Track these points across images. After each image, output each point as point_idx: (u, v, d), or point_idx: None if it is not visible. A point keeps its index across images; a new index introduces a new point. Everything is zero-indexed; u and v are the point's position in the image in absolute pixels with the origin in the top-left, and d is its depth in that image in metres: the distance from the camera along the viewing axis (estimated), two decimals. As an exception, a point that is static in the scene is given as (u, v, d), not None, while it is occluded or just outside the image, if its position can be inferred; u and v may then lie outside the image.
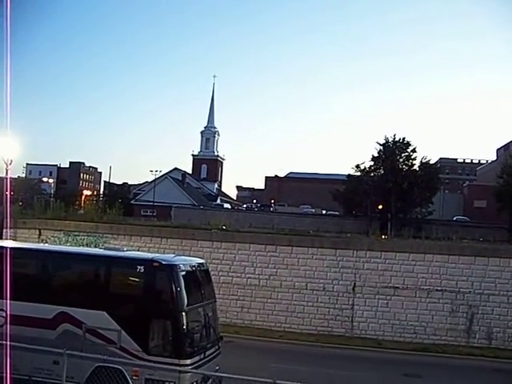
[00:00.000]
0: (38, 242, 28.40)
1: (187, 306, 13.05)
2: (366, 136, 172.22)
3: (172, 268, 13.32)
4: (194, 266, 14.54)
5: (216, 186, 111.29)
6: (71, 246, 27.51)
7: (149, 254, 15.49)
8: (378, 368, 20.20)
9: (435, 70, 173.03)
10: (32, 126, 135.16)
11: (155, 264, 13.33)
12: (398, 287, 25.88)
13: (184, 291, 13.09)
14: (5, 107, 15.33)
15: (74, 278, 14.81)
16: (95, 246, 28.15)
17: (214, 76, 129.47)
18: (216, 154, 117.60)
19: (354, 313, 26.07)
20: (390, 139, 56.20)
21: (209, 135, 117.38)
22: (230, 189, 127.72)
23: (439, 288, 25.61)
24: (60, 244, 28.15)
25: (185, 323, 12.83)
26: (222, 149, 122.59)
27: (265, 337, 24.49)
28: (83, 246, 28.32)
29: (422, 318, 25.53)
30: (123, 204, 35.08)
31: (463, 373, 20.56)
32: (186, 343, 12.76)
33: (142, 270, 13.34)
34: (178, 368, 12.22)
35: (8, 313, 13.82)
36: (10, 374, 12.14)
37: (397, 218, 50.80)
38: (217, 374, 12.59)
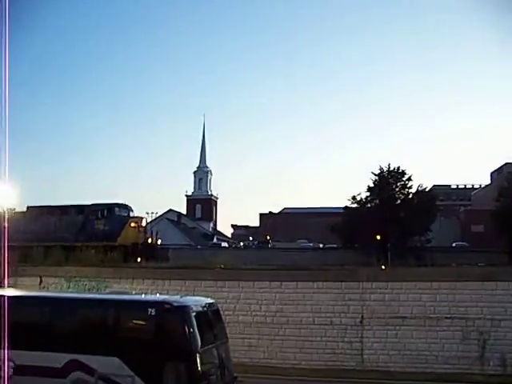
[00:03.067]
0: (39, 290, 28.00)
1: (201, 347, 12.76)
2: (359, 167, 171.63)
3: (184, 309, 13.07)
4: (204, 306, 14.29)
5: (211, 225, 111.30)
6: (73, 291, 27.10)
7: (159, 296, 15.18)
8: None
9: (425, 96, 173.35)
10: (32, 170, 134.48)
11: (167, 306, 13.08)
12: (406, 317, 25.43)
13: (197, 332, 12.81)
14: (2, 152, 15.22)
15: (83, 324, 14.39)
16: (97, 291, 27.84)
17: (204, 115, 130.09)
18: (210, 193, 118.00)
19: (364, 345, 25.54)
20: (385, 169, 56.45)
21: (201, 175, 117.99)
22: (225, 227, 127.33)
23: (448, 315, 25.15)
24: (61, 290, 27.78)
25: (199, 365, 12.52)
26: (216, 188, 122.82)
27: (274, 374, 23.96)
28: (85, 291, 27.96)
29: (433, 347, 24.99)
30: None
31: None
32: (202, 385, 12.45)
33: (153, 313, 13.05)
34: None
35: (16, 363, 13.51)
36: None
37: (396, 248, 50.51)
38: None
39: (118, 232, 38.18)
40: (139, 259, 34.54)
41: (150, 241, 40.21)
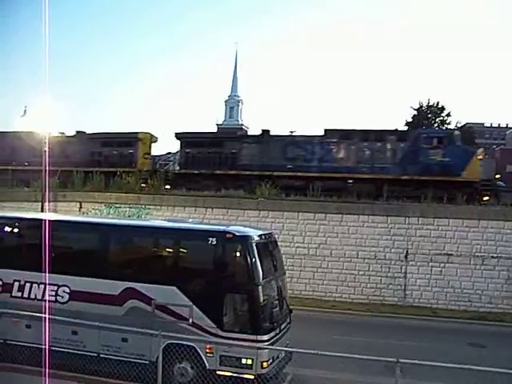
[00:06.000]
0: (79, 215, 28.12)
1: (263, 279, 12.51)
2: (398, 101, 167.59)
3: (247, 239, 12.66)
4: (264, 237, 13.91)
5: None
6: (114, 217, 27.09)
7: (220, 225, 14.82)
8: (439, 338, 19.55)
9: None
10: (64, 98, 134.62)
11: (229, 235, 12.67)
12: (451, 254, 25.20)
13: (259, 263, 12.52)
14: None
15: (140, 253, 14.13)
16: (138, 218, 27.87)
17: (237, 43, 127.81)
18: (240, 122, 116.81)
19: (407, 281, 25.47)
20: (424, 104, 55.08)
21: (233, 104, 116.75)
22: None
23: (494, 255, 24.86)
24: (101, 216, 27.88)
25: (261, 297, 12.24)
26: (246, 117, 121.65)
27: (316, 307, 24.06)
28: (126, 217, 28.02)
29: (477, 286, 24.86)
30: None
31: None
32: (263, 318, 12.18)
33: (214, 243, 12.64)
34: (256, 344, 11.80)
35: (72, 289, 13.46)
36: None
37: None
38: (296, 349, 11.95)
39: None
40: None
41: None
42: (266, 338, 12.07)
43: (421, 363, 10.23)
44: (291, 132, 35.86)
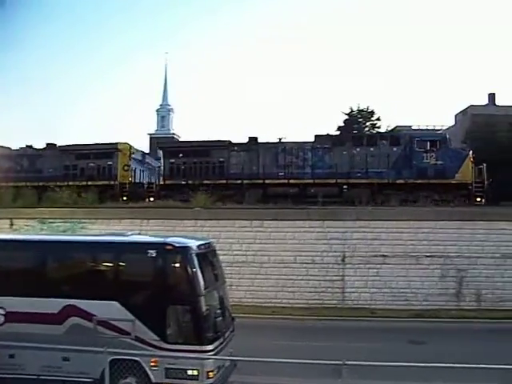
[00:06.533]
0: (11, 233, 27.24)
1: (205, 289, 12.44)
2: (328, 107, 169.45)
3: (186, 250, 12.55)
4: (205, 247, 13.83)
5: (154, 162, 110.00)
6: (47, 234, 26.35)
7: (159, 237, 14.65)
8: (380, 337, 19.87)
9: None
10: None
11: (168, 247, 12.55)
12: (387, 255, 25.76)
13: (200, 274, 12.44)
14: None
15: (79, 269, 13.73)
16: (73, 232, 27.25)
17: (166, 53, 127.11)
18: (172, 131, 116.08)
19: (345, 283, 25.86)
20: (355, 108, 56.13)
21: (164, 113, 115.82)
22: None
23: (428, 254, 25.61)
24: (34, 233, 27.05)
25: (204, 308, 12.20)
26: (177, 126, 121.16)
27: (257, 314, 23.96)
28: (59, 232, 27.31)
29: (413, 285, 25.50)
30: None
31: (463, 336, 20.44)
32: (207, 328, 12.14)
33: (154, 255, 12.52)
34: (201, 355, 11.70)
35: (8, 310, 13.02)
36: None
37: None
38: (243, 358, 11.92)
39: None
40: None
41: None
42: (210, 347, 12.02)
43: (367, 364, 10.40)
44: (280, 139, 35.40)
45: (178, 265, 12.66)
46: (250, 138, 34.06)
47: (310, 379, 13.56)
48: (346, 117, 56.18)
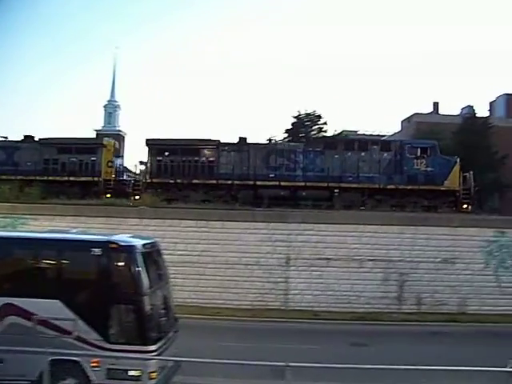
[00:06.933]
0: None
1: (149, 288, 12.27)
2: (274, 110, 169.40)
3: (131, 249, 12.36)
4: (149, 246, 13.65)
5: (119, 161, 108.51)
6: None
7: (103, 235, 14.32)
8: (323, 339, 20.15)
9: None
10: None
11: (113, 245, 12.33)
12: (331, 258, 26.02)
13: (145, 273, 12.27)
14: None
15: (19, 266, 13.32)
16: (13, 228, 26.50)
17: (117, 47, 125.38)
18: (118, 128, 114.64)
19: (289, 286, 25.99)
20: (303, 112, 56.68)
21: (111, 109, 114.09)
22: (132, 164, 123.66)
23: (371, 258, 26.03)
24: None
25: (148, 307, 12.04)
26: (124, 123, 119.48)
27: (201, 314, 23.83)
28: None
29: (356, 288, 25.85)
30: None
31: (404, 338, 20.91)
32: (150, 328, 11.97)
33: (98, 253, 12.28)
34: (143, 355, 11.52)
35: None
36: None
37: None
38: (187, 359, 11.75)
39: None
40: None
41: None
42: (153, 348, 11.86)
43: (310, 365, 10.44)
44: (271, 139, 34.62)
45: (122, 264, 12.47)
46: (240, 138, 33.51)
47: (253, 380, 13.52)
48: (295, 120, 56.50)
